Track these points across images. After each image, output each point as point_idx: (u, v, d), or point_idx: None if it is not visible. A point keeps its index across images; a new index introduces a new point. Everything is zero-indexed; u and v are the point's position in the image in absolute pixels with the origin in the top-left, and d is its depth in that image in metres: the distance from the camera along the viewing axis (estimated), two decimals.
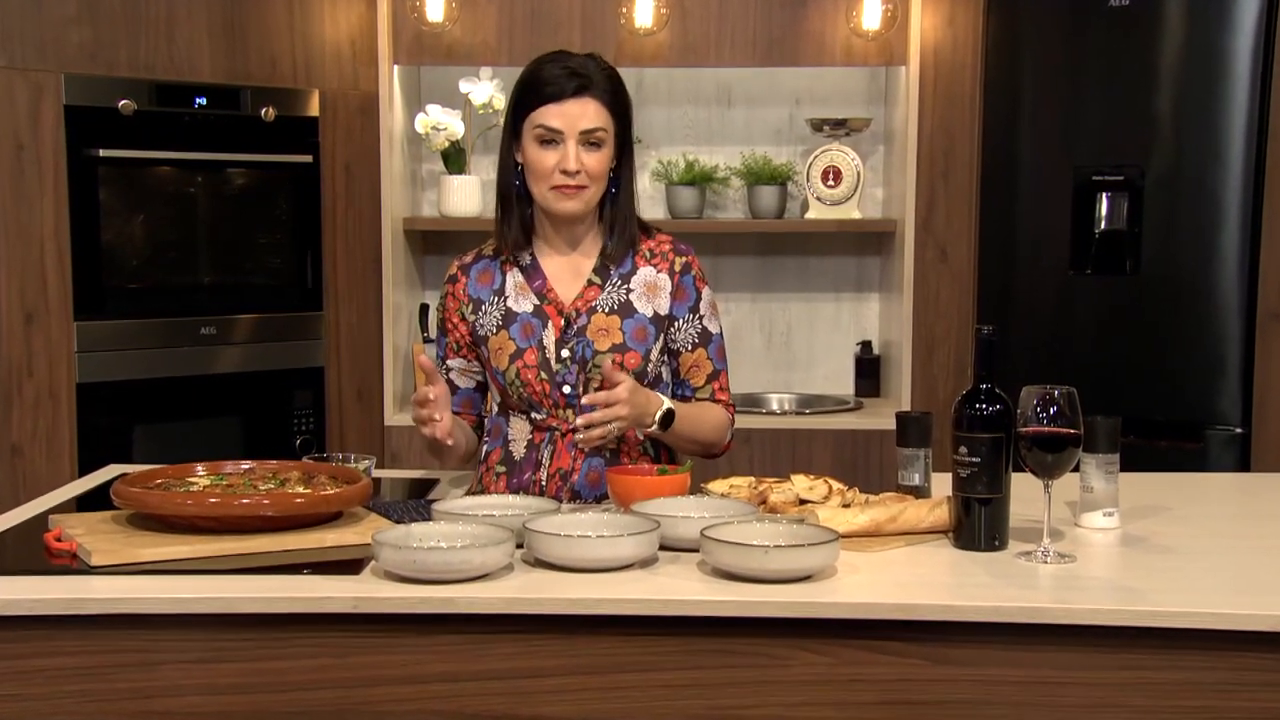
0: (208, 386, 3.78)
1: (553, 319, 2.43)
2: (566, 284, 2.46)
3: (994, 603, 1.80)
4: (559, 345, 2.42)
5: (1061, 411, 1.98)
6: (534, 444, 2.45)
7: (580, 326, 2.42)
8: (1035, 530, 2.06)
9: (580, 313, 2.43)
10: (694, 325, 2.48)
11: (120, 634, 1.81)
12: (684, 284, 2.48)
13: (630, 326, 2.43)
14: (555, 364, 2.41)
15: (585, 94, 2.36)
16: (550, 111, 2.36)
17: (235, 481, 2.21)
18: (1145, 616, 1.77)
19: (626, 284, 2.45)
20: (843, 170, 4.09)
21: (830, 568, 1.91)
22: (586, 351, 2.41)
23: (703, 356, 2.49)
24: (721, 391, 2.51)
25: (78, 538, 2.00)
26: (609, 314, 2.43)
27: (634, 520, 2.01)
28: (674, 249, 2.50)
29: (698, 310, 2.48)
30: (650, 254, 2.48)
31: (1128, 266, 3.70)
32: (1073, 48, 3.79)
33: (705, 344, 2.49)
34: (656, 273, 2.46)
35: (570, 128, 2.35)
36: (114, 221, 3.62)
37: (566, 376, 2.41)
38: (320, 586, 1.84)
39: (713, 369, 2.50)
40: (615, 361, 2.38)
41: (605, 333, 2.41)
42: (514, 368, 2.42)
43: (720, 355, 2.51)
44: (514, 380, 2.42)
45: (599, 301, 2.44)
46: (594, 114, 2.37)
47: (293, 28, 3.84)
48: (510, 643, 1.82)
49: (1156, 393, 3.66)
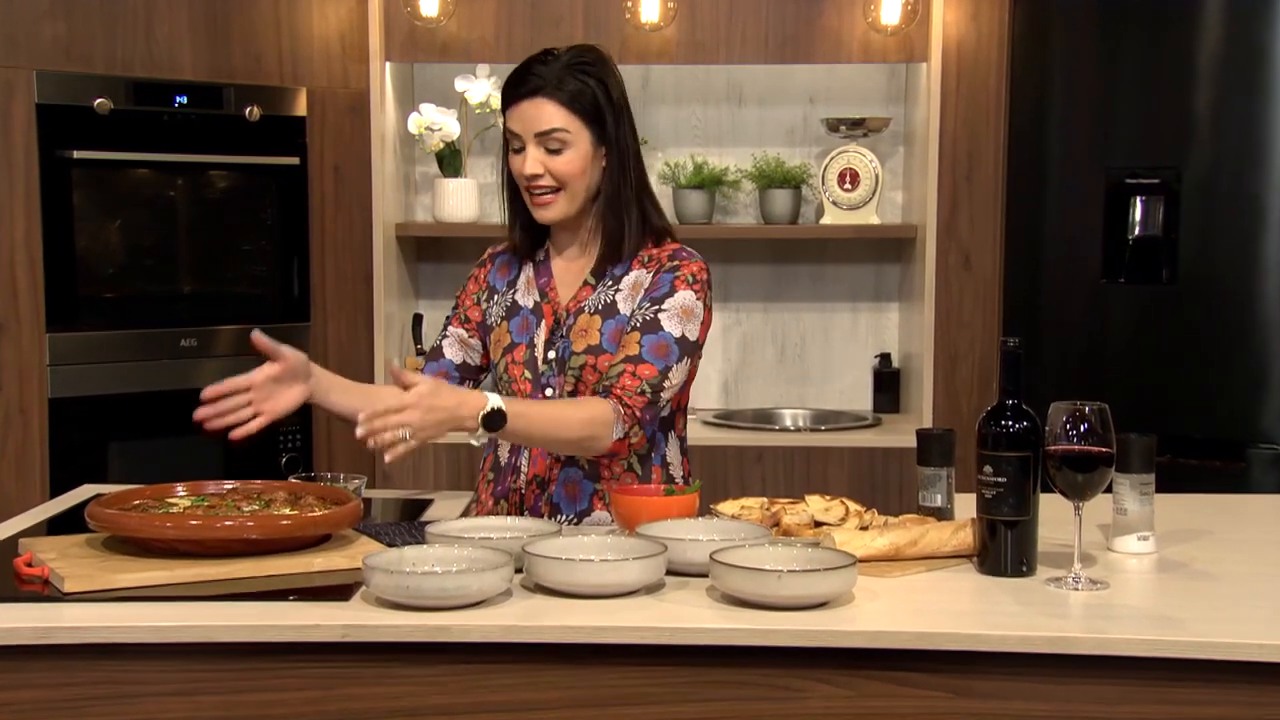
0: (188, 402, 3.72)
1: (546, 318, 2.46)
2: (568, 283, 2.49)
3: (1021, 632, 1.79)
4: (547, 345, 2.44)
5: (1093, 429, 1.98)
6: (514, 448, 2.48)
7: (567, 327, 2.44)
8: (1065, 555, 2.05)
9: (570, 313, 2.45)
10: (645, 312, 2.37)
11: (94, 665, 1.81)
12: (660, 280, 2.40)
13: (609, 328, 2.41)
14: (541, 364, 2.43)
15: (538, 95, 2.36)
16: (511, 115, 2.40)
17: (217, 502, 2.22)
18: (1184, 648, 1.77)
19: (617, 285, 2.45)
20: (860, 173, 4.09)
21: (847, 594, 1.91)
22: (565, 352, 2.42)
23: (633, 339, 2.35)
24: (632, 379, 2.33)
25: (49, 563, 2.00)
26: (592, 314, 2.43)
27: (639, 543, 2.01)
28: (674, 254, 2.44)
29: (660, 303, 2.37)
30: (649, 259, 2.45)
31: (1163, 275, 3.70)
32: (1105, 42, 3.80)
33: (645, 331, 2.35)
34: (647, 274, 2.44)
35: (525, 131, 2.37)
36: (89, 227, 3.63)
37: (551, 379, 2.43)
38: (307, 614, 1.84)
39: (636, 354, 2.34)
40: (589, 364, 2.38)
41: (584, 334, 2.42)
42: (504, 361, 2.46)
43: (658, 351, 2.34)
44: (502, 375, 2.46)
45: (588, 302, 2.45)
46: (549, 115, 2.36)
47: (279, 22, 3.86)
48: (509, 673, 1.82)
49: (1194, 409, 3.65)
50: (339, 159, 3.98)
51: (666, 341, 2.35)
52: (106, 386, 3.65)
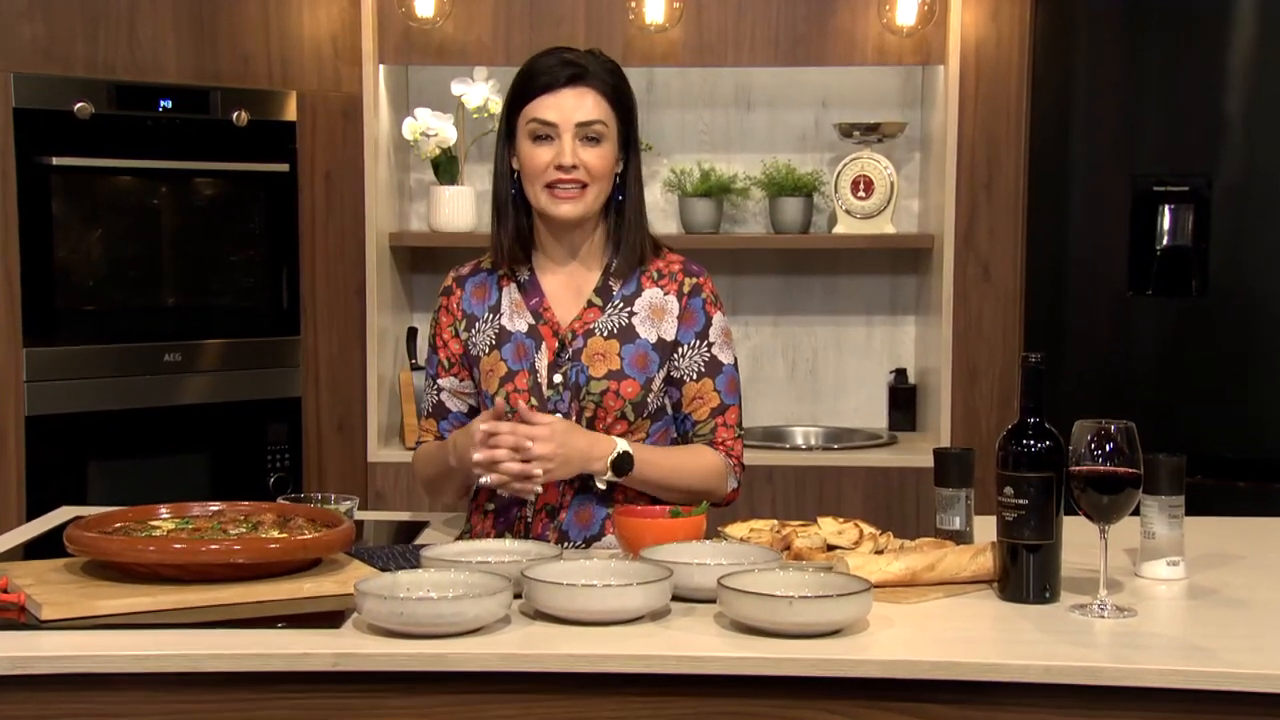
0: (172, 419, 3.79)
1: (547, 340, 2.45)
2: (565, 304, 2.48)
3: (1044, 661, 1.79)
4: (551, 370, 2.43)
5: (1119, 448, 1.99)
6: None
7: (576, 350, 2.44)
8: (1090, 580, 2.05)
9: (577, 335, 2.45)
10: (701, 353, 2.48)
11: (74, 696, 1.81)
12: (692, 307, 2.48)
13: (630, 352, 2.44)
14: (547, 389, 2.43)
15: (581, 83, 2.39)
16: (544, 103, 2.39)
17: (203, 525, 2.22)
18: (1215, 679, 1.76)
19: (629, 306, 2.47)
20: (874, 180, 4.10)
21: (861, 621, 1.91)
22: (580, 377, 2.42)
23: (708, 388, 2.48)
24: (725, 429, 2.49)
25: (26, 589, 2.00)
26: (607, 338, 2.44)
27: (644, 568, 2.01)
28: (684, 269, 2.51)
29: (706, 336, 2.48)
30: (659, 275, 2.49)
31: (1193, 287, 3.70)
32: (1131, 43, 3.80)
33: (713, 374, 2.48)
34: (664, 295, 2.48)
35: (565, 120, 2.38)
36: (68, 237, 3.64)
37: (559, 404, 2.42)
38: (297, 642, 1.85)
39: (719, 403, 2.49)
40: (612, 390, 2.40)
41: (602, 358, 2.43)
42: (503, 391, 2.43)
43: (731, 389, 2.50)
44: (506, 403, 2.42)
45: (598, 324, 2.45)
46: (592, 105, 2.39)
47: (268, 23, 3.87)
48: (508, 703, 1.82)
49: (1226, 427, 3.65)
50: (330, 165, 3.99)
51: (730, 375, 2.50)
52: (86, 403, 3.66)
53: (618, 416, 2.42)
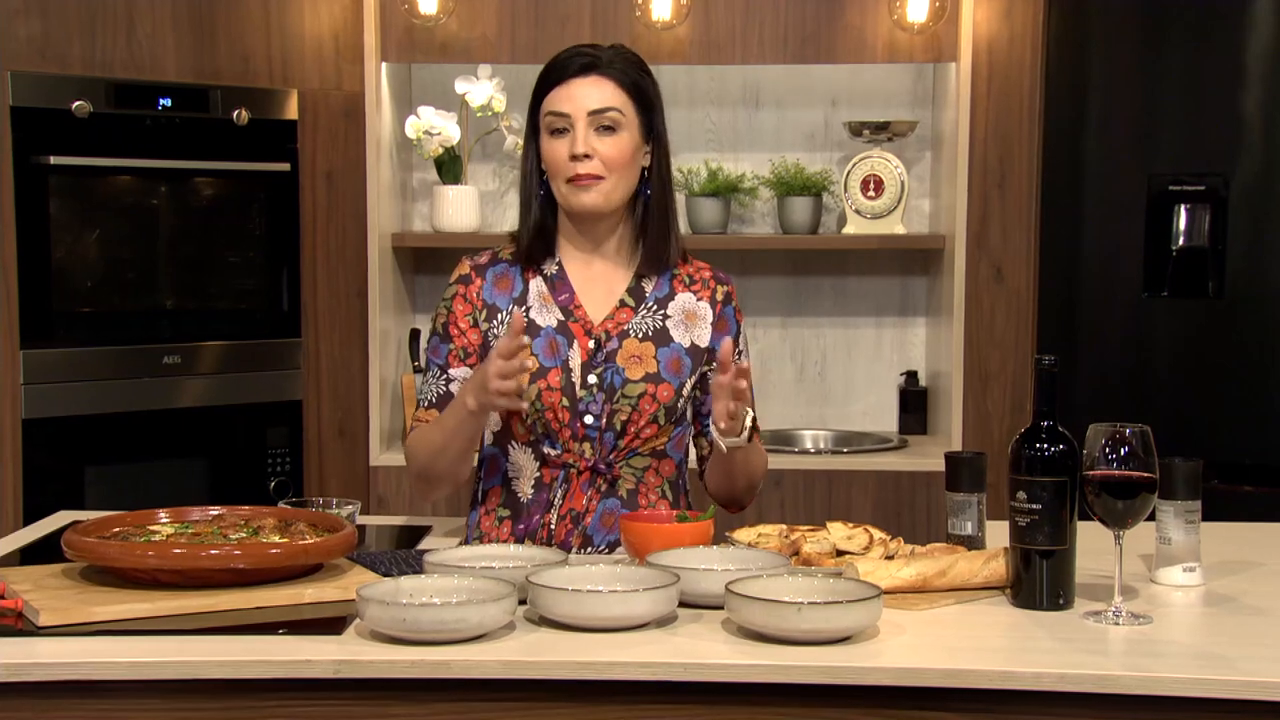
0: (171, 422, 3.80)
1: (579, 339, 2.45)
2: (596, 302, 2.49)
3: (1058, 669, 1.79)
4: (585, 370, 2.43)
5: (1134, 452, 1.99)
6: (543, 483, 2.46)
7: (610, 351, 2.44)
8: (1105, 587, 2.05)
9: (611, 336, 2.45)
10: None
11: (72, 704, 1.81)
12: (726, 315, 2.53)
13: (665, 356, 2.45)
14: (580, 389, 2.42)
15: (593, 72, 2.41)
16: (557, 95, 2.42)
17: (202, 530, 2.22)
18: (1232, 687, 1.76)
19: (663, 309, 2.49)
20: (885, 180, 4.10)
21: (872, 628, 1.91)
22: (616, 379, 2.42)
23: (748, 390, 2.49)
24: (756, 433, 2.49)
25: (23, 594, 2.01)
26: (642, 340, 2.46)
27: (650, 573, 2.01)
28: (714, 276, 2.55)
29: (736, 344, 2.50)
30: (690, 279, 2.53)
31: (1209, 288, 3.70)
32: (1147, 40, 3.80)
33: None
34: (696, 300, 2.51)
35: (577, 110, 2.40)
36: (66, 237, 3.64)
37: (590, 406, 2.42)
38: (298, 648, 1.85)
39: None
40: (649, 393, 2.42)
41: (638, 360, 2.44)
42: (535, 388, 2.41)
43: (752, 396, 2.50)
44: (534, 402, 2.41)
45: (632, 325, 2.46)
46: (604, 93, 2.40)
47: (268, 20, 3.87)
48: (512, 710, 1.82)
49: (1243, 431, 3.65)
50: (332, 165, 3.99)
51: None
52: (84, 406, 3.66)
53: (650, 420, 2.43)
